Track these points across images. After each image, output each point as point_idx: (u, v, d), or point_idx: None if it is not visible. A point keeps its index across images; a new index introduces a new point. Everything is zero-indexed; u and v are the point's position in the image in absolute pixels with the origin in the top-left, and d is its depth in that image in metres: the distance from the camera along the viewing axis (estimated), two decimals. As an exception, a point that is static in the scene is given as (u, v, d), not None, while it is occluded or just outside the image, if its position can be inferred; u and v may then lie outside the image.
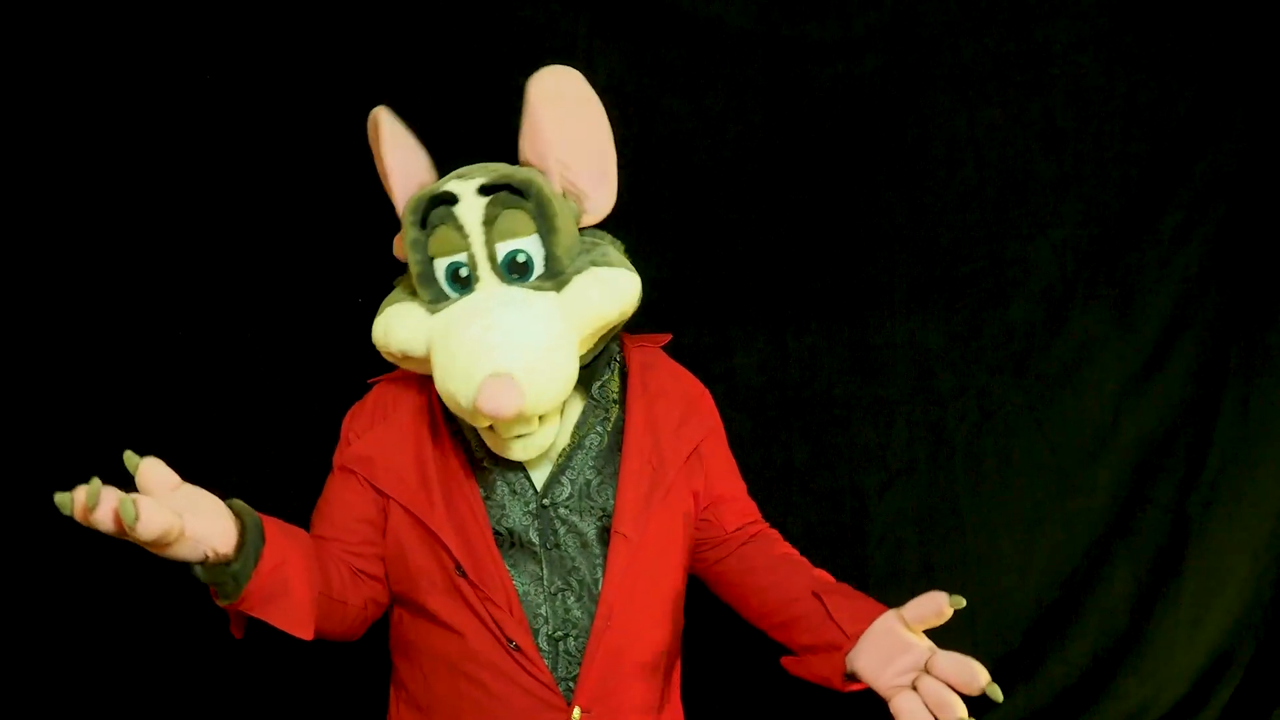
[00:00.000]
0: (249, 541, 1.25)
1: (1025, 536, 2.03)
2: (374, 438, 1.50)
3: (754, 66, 1.98)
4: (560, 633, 1.43)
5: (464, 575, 1.42)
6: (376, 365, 1.59)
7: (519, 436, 1.41)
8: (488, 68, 1.92)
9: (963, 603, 1.38)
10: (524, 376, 1.31)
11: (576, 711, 1.41)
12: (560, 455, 1.48)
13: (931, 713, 1.32)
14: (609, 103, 1.91)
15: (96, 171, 1.86)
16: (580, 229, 1.49)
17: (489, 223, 1.41)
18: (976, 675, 1.32)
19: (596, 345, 1.47)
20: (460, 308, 1.39)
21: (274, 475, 1.64)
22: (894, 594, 2.02)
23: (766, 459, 1.99)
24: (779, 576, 1.56)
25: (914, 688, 1.35)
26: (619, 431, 1.51)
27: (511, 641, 1.41)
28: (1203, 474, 2.03)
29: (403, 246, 1.50)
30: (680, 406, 1.58)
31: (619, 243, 1.54)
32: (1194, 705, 2.07)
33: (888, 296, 2.02)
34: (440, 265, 1.43)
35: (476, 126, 1.70)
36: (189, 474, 1.90)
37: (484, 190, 1.41)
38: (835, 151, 2.00)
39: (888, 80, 1.99)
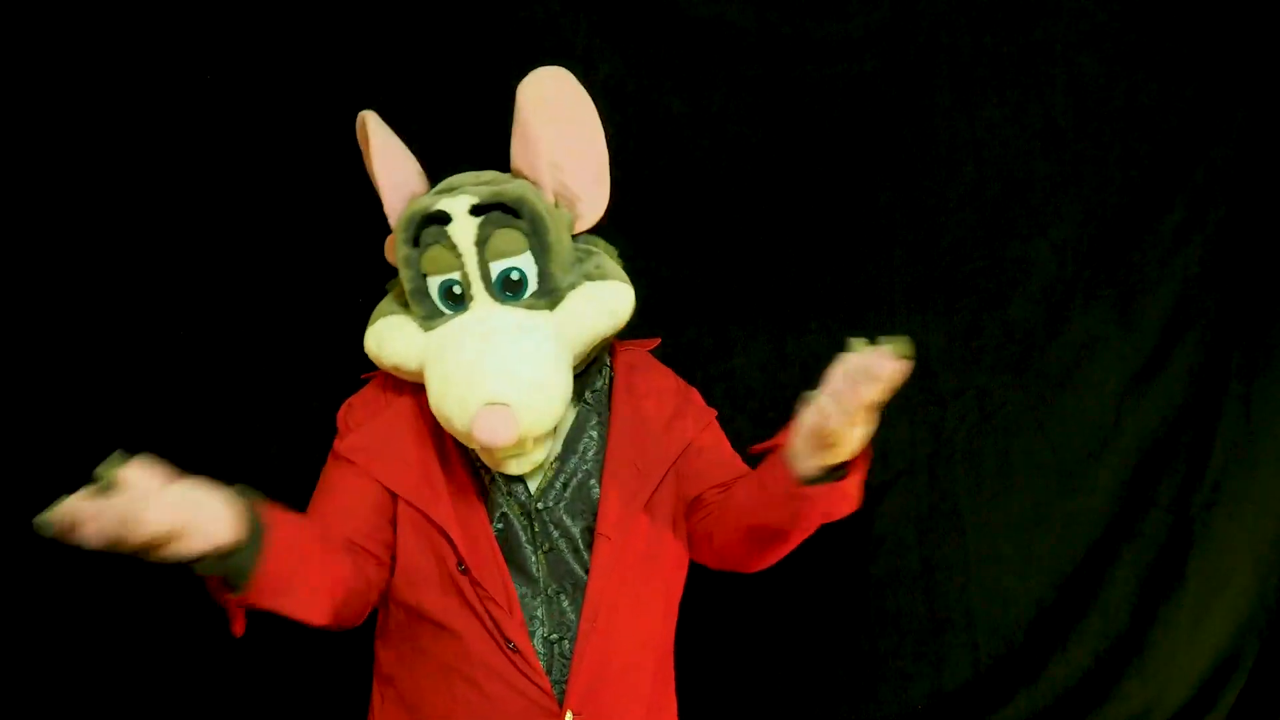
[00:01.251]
0: (253, 529, 1.20)
1: (1026, 537, 2.03)
2: (374, 430, 1.48)
3: (754, 66, 1.98)
4: (556, 635, 1.43)
5: (466, 572, 1.41)
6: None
7: (514, 455, 1.42)
8: (487, 68, 1.92)
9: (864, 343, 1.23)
10: (519, 405, 1.33)
11: (569, 715, 1.40)
12: (555, 459, 1.48)
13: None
14: (609, 103, 1.92)
15: (96, 171, 1.86)
16: (574, 235, 1.50)
17: (482, 243, 1.41)
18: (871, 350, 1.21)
19: (590, 354, 1.48)
20: (454, 329, 1.40)
21: (275, 474, 1.64)
22: (894, 594, 2.03)
23: (766, 459, 1.98)
24: (738, 482, 1.49)
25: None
26: (606, 433, 1.51)
27: (510, 643, 1.39)
28: (1205, 474, 2.03)
29: (394, 256, 1.49)
30: (672, 403, 1.57)
31: (612, 248, 1.55)
32: (1199, 708, 2.06)
33: (888, 296, 2.01)
34: (434, 282, 1.43)
35: (476, 127, 1.71)
36: (188, 472, 1.90)
37: (476, 210, 1.41)
38: (835, 151, 2.00)
39: (888, 80, 1.99)
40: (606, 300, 1.46)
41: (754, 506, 1.42)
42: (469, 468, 1.46)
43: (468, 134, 1.61)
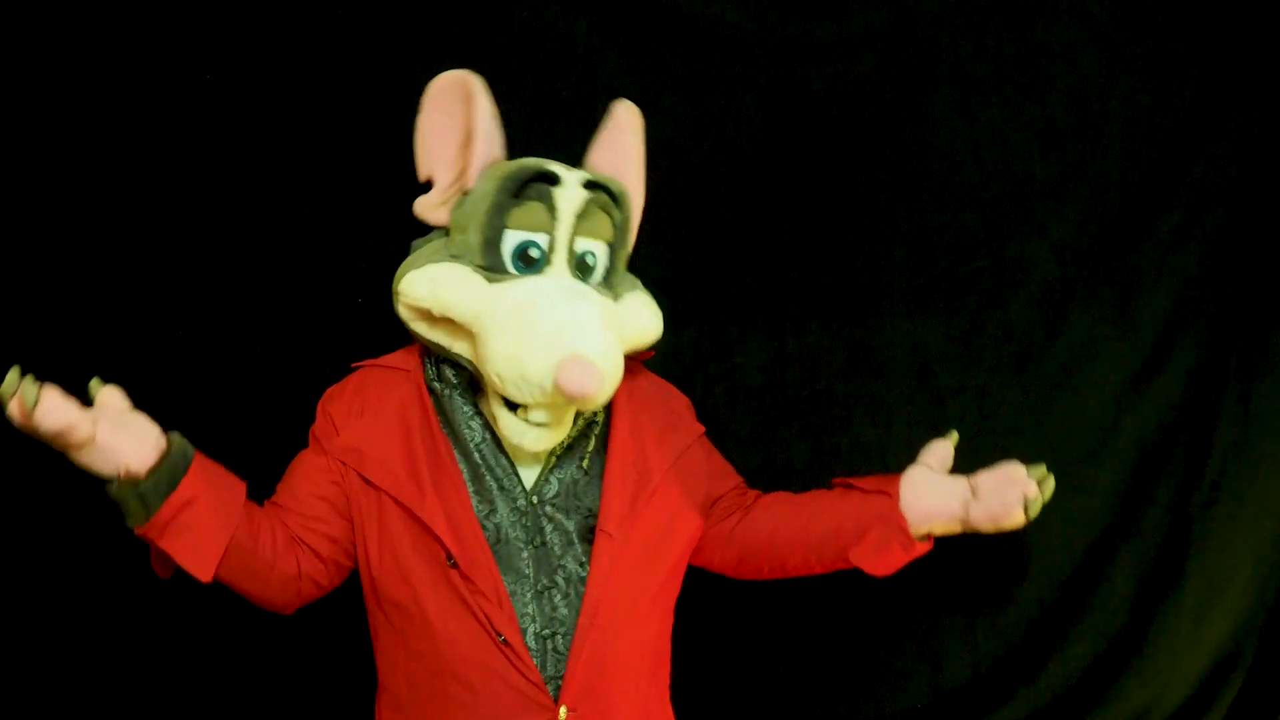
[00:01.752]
0: (165, 468, 1.30)
1: (1026, 537, 2.02)
2: (361, 429, 1.50)
3: (753, 66, 1.98)
4: (548, 631, 1.44)
5: (455, 566, 1.42)
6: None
7: (540, 425, 1.44)
8: (487, 67, 1.92)
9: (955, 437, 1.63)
10: (602, 364, 1.36)
11: (563, 710, 1.41)
12: (550, 455, 1.50)
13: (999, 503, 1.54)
14: (609, 102, 1.92)
15: (97, 171, 1.86)
16: None
17: (582, 216, 1.46)
18: (1018, 469, 1.57)
19: None
20: (536, 287, 1.43)
21: (273, 473, 1.64)
22: (895, 594, 2.03)
23: (767, 459, 1.98)
24: (801, 501, 1.66)
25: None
26: (604, 435, 1.54)
27: (500, 636, 1.40)
28: (1204, 474, 2.03)
29: (437, 208, 1.53)
30: (664, 416, 1.62)
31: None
32: (1198, 707, 2.06)
33: (888, 296, 2.01)
34: (512, 238, 1.46)
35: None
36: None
37: (588, 185, 1.47)
38: (834, 151, 2.00)
39: (887, 80, 1.99)
40: (656, 314, 1.57)
41: (835, 535, 1.60)
42: (462, 461, 1.48)
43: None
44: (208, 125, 1.87)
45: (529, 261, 1.45)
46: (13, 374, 1.22)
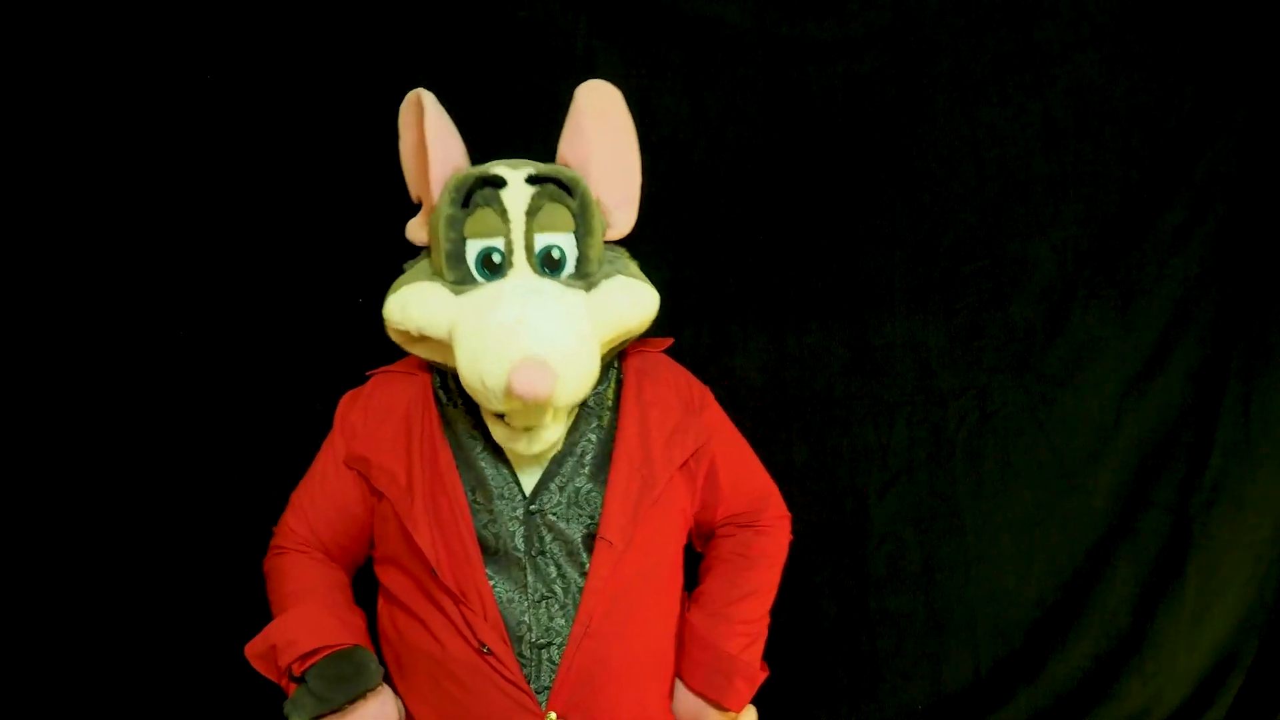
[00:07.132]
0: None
1: (1026, 537, 2.03)
2: (370, 436, 1.51)
3: (754, 66, 1.98)
4: (544, 641, 1.43)
5: (435, 577, 1.43)
6: (376, 364, 1.60)
7: (528, 429, 1.42)
8: (487, 67, 1.92)
9: None
10: (557, 363, 1.34)
11: (552, 716, 1.41)
12: (550, 460, 1.48)
13: None
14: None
15: (97, 171, 1.86)
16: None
17: (532, 213, 1.44)
18: None
19: (607, 355, 1.49)
20: (493, 291, 1.41)
21: (277, 476, 1.64)
22: (894, 594, 2.03)
23: (766, 459, 1.96)
24: (708, 577, 1.63)
25: None
26: (611, 439, 1.51)
27: (484, 646, 1.41)
28: (1204, 474, 2.04)
29: (421, 228, 1.53)
30: (675, 415, 1.57)
31: (634, 260, 1.58)
32: (1197, 707, 2.07)
33: (888, 296, 2.02)
34: (473, 247, 1.45)
35: (476, 125, 1.70)
36: (189, 472, 1.90)
37: (532, 180, 1.45)
38: (835, 151, 2.00)
39: (887, 80, 1.99)
40: (638, 295, 1.49)
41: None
42: (464, 470, 1.47)
43: (467, 133, 1.61)
44: (208, 125, 1.88)
45: (493, 267, 1.44)
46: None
